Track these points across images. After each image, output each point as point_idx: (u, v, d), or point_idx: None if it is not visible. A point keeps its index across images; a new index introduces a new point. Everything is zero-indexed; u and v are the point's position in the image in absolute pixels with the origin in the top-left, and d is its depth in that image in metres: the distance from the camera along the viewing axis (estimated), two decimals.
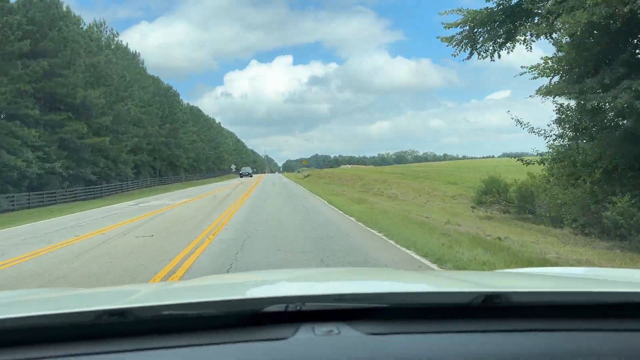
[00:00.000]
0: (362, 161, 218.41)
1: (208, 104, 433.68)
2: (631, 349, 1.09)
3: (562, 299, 1.27)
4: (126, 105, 41.60)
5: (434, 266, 6.85)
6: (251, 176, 72.13)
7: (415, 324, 1.16)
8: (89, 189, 35.77)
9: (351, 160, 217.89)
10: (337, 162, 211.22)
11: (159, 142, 54.36)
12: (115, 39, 52.44)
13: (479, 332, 1.13)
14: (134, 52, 57.16)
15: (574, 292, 1.36)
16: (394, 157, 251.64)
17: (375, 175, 43.22)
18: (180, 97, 70.64)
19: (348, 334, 1.09)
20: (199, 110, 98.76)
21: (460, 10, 13.26)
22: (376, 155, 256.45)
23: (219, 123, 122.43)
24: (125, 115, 41.48)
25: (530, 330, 1.14)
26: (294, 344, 1.06)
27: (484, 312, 1.19)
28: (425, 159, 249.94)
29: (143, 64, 58.92)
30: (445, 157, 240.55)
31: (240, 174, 69.21)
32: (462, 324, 1.16)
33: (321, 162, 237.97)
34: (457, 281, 1.84)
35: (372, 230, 10.80)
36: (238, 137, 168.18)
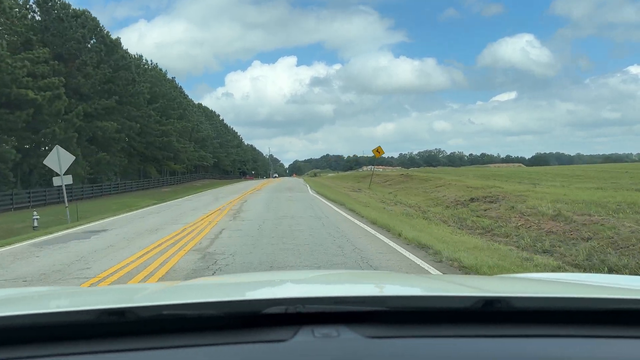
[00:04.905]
0: (388, 162, 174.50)
1: (209, 104, 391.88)
2: (631, 356, 1.08)
3: (563, 305, 1.24)
4: None
5: None
6: None
7: (415, 327, 1.15)
8: None
9: (373, 161, 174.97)
10: (357, 162, 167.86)
11: None
12: None
13: (479, 336, 1.12)
14: None
15: (576, 297, 1.31)
16: (417, 157, 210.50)
17: None
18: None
19: (347, 337, 1.08)
20: (115, 44, 42.35)
21: None
22: (397, 156, 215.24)
23: (178, 85, 67.80)
24: None
25: (531, 335, 1.12)
26: (293, 346, 1.05)
27: (484, 317, 1.18)
28: (459, 159, 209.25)
29: None
30: (488, 158, 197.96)
31: None
32: (462, 329, 1.14)
33: (333, 164, 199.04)
34: (457, 285, 1.80)
35: None
36: (232, 128, 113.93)
